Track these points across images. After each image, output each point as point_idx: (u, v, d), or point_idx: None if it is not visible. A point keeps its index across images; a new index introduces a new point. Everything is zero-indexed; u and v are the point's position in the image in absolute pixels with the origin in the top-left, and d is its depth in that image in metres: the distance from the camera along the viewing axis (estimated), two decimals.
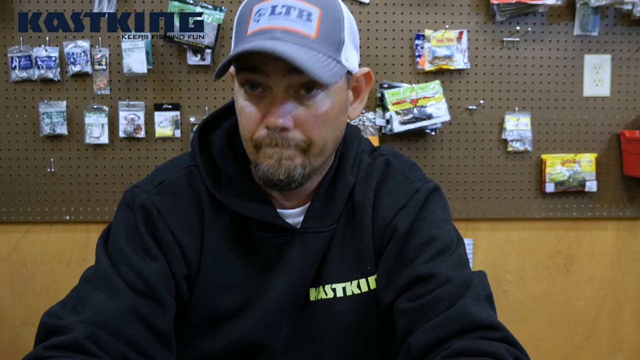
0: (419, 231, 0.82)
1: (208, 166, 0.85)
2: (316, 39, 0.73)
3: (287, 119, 0.73)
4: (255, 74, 0.73)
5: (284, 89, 0.73)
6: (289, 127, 0.73)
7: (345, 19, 0.78)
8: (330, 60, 0.73)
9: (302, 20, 0.72)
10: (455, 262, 0.79)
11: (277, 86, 0.73)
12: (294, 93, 0.74)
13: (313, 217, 0.84)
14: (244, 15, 0.76)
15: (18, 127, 1.97)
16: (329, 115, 0.76)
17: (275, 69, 0.72)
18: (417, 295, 0.76)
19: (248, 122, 0.76)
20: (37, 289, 2.04)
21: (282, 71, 0.72)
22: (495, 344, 0.68)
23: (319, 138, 0.76)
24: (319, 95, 0.75)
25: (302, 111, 0.74)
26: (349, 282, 0.84)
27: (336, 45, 0.75)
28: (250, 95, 0.75)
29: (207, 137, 0.88)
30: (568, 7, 2.00)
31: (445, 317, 0.72)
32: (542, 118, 2.05)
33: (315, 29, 0.73)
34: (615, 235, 2.15)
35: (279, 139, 0.74)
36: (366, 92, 0.86)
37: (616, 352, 2.20)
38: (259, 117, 0.75)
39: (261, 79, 0.73)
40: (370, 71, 0.85)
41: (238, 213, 0.83)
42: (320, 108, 0.75)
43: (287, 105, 0.73)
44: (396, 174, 0.88)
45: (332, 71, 0.73)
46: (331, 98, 0.76)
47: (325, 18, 0.74)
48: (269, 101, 0.74)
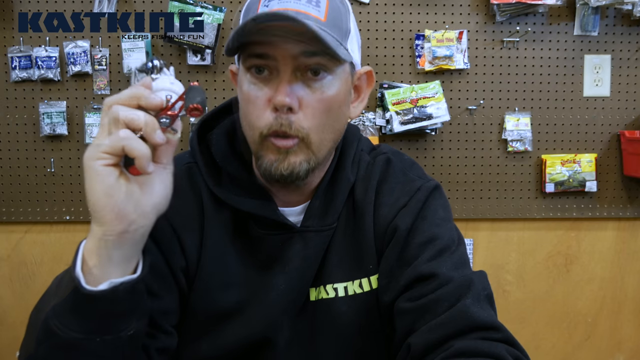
0: (420, 230, 0.82)
1: (208, 163, 0.85)
2: (325, 22, 0.73)
3: (293, 98, 0.73)
4: (264, 60, 0.73)
5: (291, 71, 0.73)
6: (294, 107, 0.73)
7: (351, 14, 0.79)
8: (339, 44, 0.74)
9: (312, 5, 0.73)
10: (456, 261, 0.79)
11: (285, 67, 0.73)
12: (301, 76, 0.74)
13: (313, 216, 0.84)
14: (252, 4, 0.77)
15: (18, 127, 1.97)
16: (333, 101, 0.76)
17: (285, 51, 0.72)
18: (418, 295, 0.76)
19: (255, 106, 0.75)
20: (37, 289, 2.03)
21: (292, 53, 0.72)
22: (496, 344, 0.68)
23: (318, 125, 0.76)
24: (326, 78, 0.75)
25: (308, 94, 0.74)
26: (351, 281, 0.84)
27: (343, 33, 0.76)
28: (257, 78, 0.75)
29: (205, 136, 0.88)
30: (568, 7, 2.00)
31: (446, 317, 0.71)
32: (542, 118, 2.05)
33: (324, 13, 0.74)
34: (615, 235, 2.15)
35: (285, 122, 0.74)
36: (367, 92, 0.86)
37: (616, 352, 2.20)
38: (266, 99, 0.74)
39: (269, 62, 0.73)
40: (372, 70, 0.85)
41: (238, 210, 0.82)
42: (326, 92, 0.75)
43: (294, 86, 0.74)
44: (397, 172, 0.88)
45: (342, 51, 0.74)
46: (337, 84, 0.76)
47: (332, 5, 0.75)
48: (276, 83, 0.74)
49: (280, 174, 0.76)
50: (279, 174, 0.76)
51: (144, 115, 0.63)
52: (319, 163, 0.80)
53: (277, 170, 0.76)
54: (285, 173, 0.76)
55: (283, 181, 0.77)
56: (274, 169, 0.76)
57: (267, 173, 0.76)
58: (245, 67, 0.76)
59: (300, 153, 0.76)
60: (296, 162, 0.76)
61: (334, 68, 0.75)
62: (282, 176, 0.76)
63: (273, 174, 0.76)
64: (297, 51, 0.72)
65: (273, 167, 0.76)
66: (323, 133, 0.77)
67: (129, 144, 0.62)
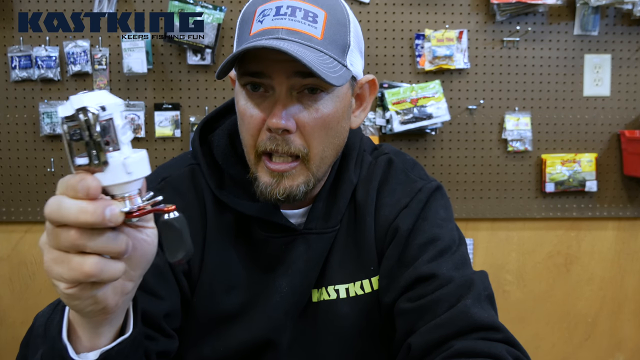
0: (421, 231, 0.81)
1: (210, 166, 0.84)
2: (322, 40, 0.72)
3: (289, 120, 0.72)
4: (259, 78, 0.72)
5: (287, 90, 0.72)
6: (291, 129, 0.72)
7: (351, 23, 0.77)
8: (336, 63, 0.73)
9: (308, 22, 0.71)
10: (457, 262, 0.79)
11: (280, 87, 0.72)
12: (297, 94, 0.73)
13: (316, 218, 0.84)
14: (247, 16, 0.75)
15: (18, 127, 1.97)
16: (331, 119, 0.75)
17: (279, 70, 0.71)
18: (419, 296, 0.75)
19: (250, 124, 0.74)
20: (37, 289, 2.03)
21: (286, 73, 0.71)
22: (496, 344, 0.68)
23: (318, 144, 0.75)
24: (323, 97, 0.73)
25: (304, 113, 0.73)
26: (352, 283, 0.83)
27: (342, 49, 0.74)
28: (252, 95, 0.74)
29: (207, 137, 0.87)
30: (568, 7, 2.00)
31: (446, 317, 0.71)
32: (542, 118, 2.05)
33: (321, 30, 0.72)
34: (615, 235, 2.14)
35: (281, 142, 0.73)
36: (370, 100, 0.85)
37: (616, 352, 2.20)
38: (261, 118, 0.73)
39: (264, 80, 0.72)
40: (375, 79, 0.84)
41: (241, 213, 0.82)
42: (323, 110, 0.74)
43: (289, 107, 0.72)
44: (398, 173, 0.88)
45: (337, 73, 0.72)
46: (334, 102, 0.75)
47: (331, 20, 0.73)
48: (272, 102, 0.73)
49: (276, 198, 0.75)
50: (275, 198, 0.75)
51: (97, 262, 0.47)
52: (319, 180, 0.79)
53: (273, 194, 0.75)
54: (282, 197, 0.75)
55: (281, 203, 0.77)
56: (269, 192, 0.75)
57: (263, 196, 0.76)
58: (241, 83, 0.75)
59: (299, 175, 0.75)
60: (293, 186, 0.75)
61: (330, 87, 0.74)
62: (279, 200, 0.76)
63: (269, 198, 0.76)
64: (291, 71, 0.70)
65: (268, 191, 0.75)
66: (324, 151, 0.76)
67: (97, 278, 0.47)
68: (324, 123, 0.74)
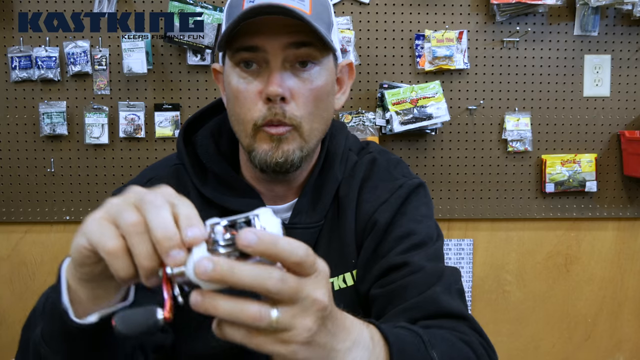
0: (398, 225, 0.83)
1: (195, 165, 0.86)
2: (311, 15, 0.75)
3: (285, 88, 0.75)
4: (253, 52, 0.75)
5: (281, 62, 0.75)
6: (287, 96, 0.75)
7: (331, 8, 0.82)
8: (327, 34, 0.76)
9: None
10: (430, 255, 0.80)
11: (275, 59, 0.74)
12: (290, 67, 0.76)
13: (301, 213, 0.85)
14: (235, 2, 0.77)
15: (18, 127, 1.97)
16: (322, 90, 0.78)
17: (273, 42, 0.73)
18: (389, 282, 0.77)
19: (245, 100, 0.77)
20: (37, 289, 2.03)
21: (281, 45, 0.74)
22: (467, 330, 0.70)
23: (309, 114, 0.77)
24: (314, 69, 0.77)
25: (298, 84, 0.76)
26: (336, 277, 0.85)
27: (327, 26, 0.78)
28: (246, 72, 0.77)
29: (191, 138, 0.89)
30: (568, 7, 2.00)
31: (415, 302, 0.73)
32: (542, 118, 2.05)
33: (309, 6, 0.75)
34: (615, 235, 2.15)
35: (279, 111, 0.75)
36: (349, 84, 0.88)
37: (616, 352, 2.20)
38: (257, 92, 0.76)
39: (258, 54, 0.75)
40: (352, 62, 0.88)
41: (226, 208, 0.83)
42: (315, 82, 0.77)
43: (284, 76, 0.75)
44: (381, 171, 0.90)
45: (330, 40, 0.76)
46: (324, 75, 0.78)
47: (316, 0, 0.77)
48: (266, 75, 0.75)
49: (276, 161, 0.77)
50: (274, 162, 0.77)
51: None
52: (310, 151, 0.81)
53: (272, 159, 0.77)
54: (281, 160, 0.77)
55: (279, 169, 0.78)
56: (269, 157, 0.77)
57: (262, 162, 0.78)
58: (234, 62, 0.77)
59: (293, 141, 0.77)
60: (290, 150, 0.77)
61: (321, 59, 0.77)
62: (278, 164, 0.77)
63: (269, 163, 0.77)
64: (286, 42, 0.73)
65: (268, 156, 0.77)
66: (313, 122, 0.79)
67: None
68: (316, 94, 0.77)
